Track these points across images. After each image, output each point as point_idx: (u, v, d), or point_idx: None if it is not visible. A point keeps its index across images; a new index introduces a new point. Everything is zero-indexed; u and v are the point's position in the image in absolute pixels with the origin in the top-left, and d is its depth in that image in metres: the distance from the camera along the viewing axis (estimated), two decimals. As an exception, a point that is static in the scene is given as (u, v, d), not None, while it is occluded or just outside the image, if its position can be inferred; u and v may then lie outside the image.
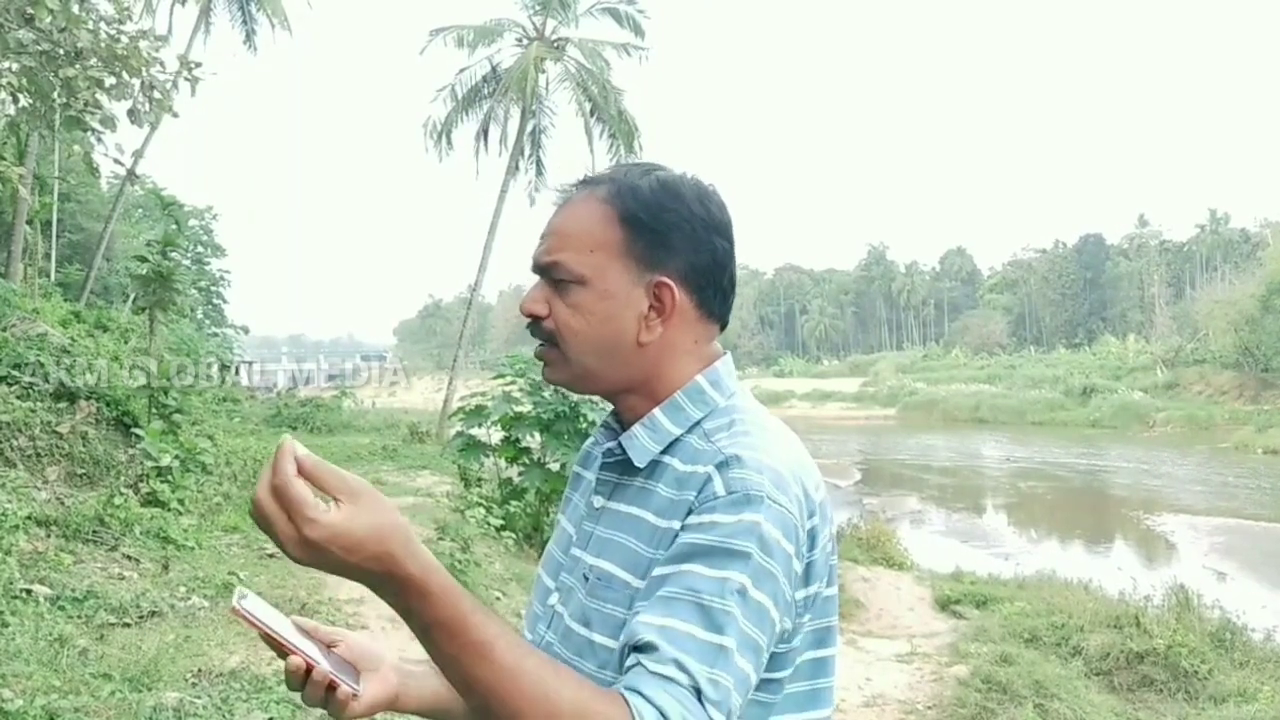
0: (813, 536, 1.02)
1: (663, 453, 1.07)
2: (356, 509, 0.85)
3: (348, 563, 0.85)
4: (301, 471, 0.85)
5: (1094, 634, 7.75)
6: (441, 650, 0.88)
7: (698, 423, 1.08)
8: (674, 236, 1.08)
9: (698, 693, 0.87)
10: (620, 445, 1.10)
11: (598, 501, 1.13)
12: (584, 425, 9.17)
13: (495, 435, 10.02)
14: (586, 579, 1.06)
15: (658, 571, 0.96)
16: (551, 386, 9.25)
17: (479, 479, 11.03)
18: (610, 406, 1.17)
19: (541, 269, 1.11)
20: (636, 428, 1.09)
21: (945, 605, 9.66)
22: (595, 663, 1.01)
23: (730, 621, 0.91)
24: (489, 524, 8.58)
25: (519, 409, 9.71)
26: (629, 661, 0.90)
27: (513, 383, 9.85)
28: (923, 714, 6.26)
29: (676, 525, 0.99)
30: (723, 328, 1.14)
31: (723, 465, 0.99)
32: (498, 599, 7.31)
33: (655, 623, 0.91)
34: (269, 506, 0.84)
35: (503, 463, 10.14)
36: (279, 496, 0.84)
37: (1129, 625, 7.73)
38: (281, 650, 0.98)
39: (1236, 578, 13.49)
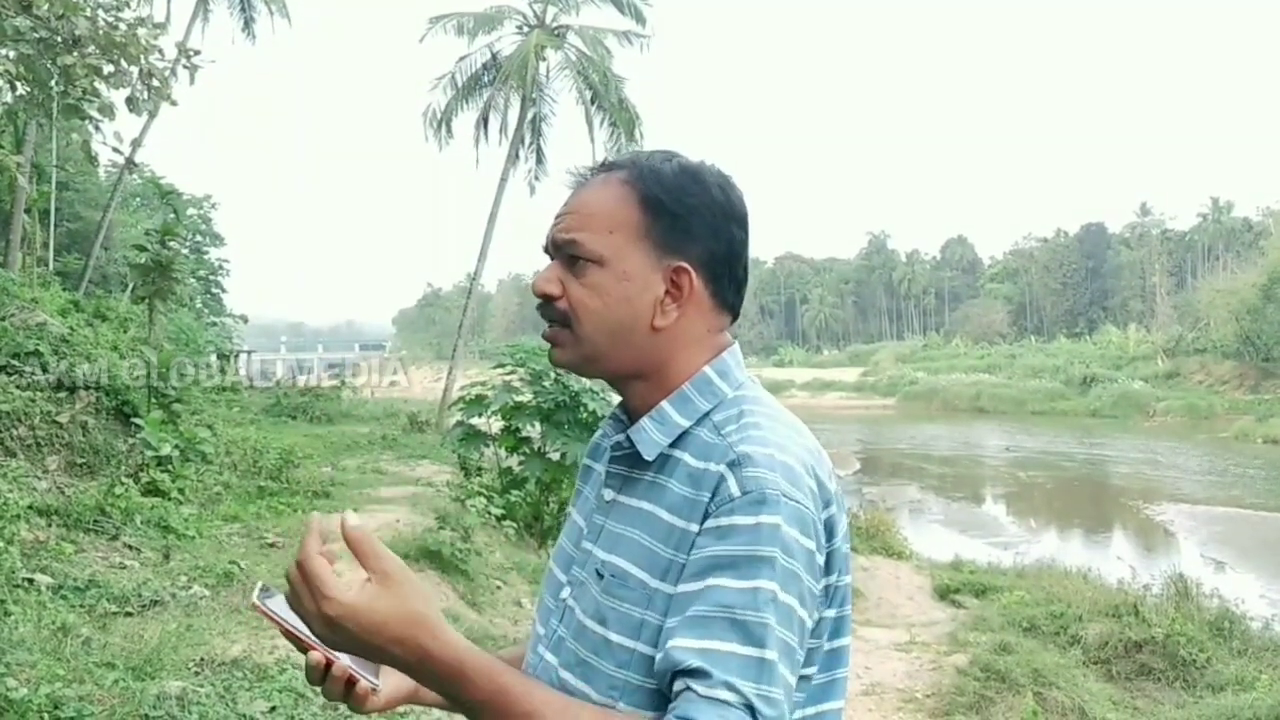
0: (830, 527, 1.01)
1: (672, 446, 1.06)
2: (381, 591, 0.88)
3: (371, 644, 0.89)
4: (346, 540, 0.90)
5: (1093, 623, 7.77)
6: None
7: (706, 414, 1.06)
8: (694, 222, 1.06)
9: (750, 710, 0.88)
10: (628, 438, 1.08)
11: (608, 494, 1.11)
12: (584, 415, 9.17)
13: (495, 425, 10.02)
14: (600, 575, 1.05)
15: (683, 587, 0.95)
16: (552, 376, 9.31)
17: (479, 468, 11.05)
18: (617, 398, 1.16)
19: (558, 246, 1.09)
20: (644, 420, 1.08)
21: (944, 594, 9.68)
22: (613, 662, 1.00)
23: (768, 633, 0.91)
24: (489, 513, 8.60)
25: (519, 399, 9.71)
26: (677, 686, 0.91)
27: (513, 372, 9.85)
28: (921, 702, 6.27)
29: (694, 528, 0.98)
30: (734, 319, 1.13)
31: (735, 464, 0.98)
32: (498, 588, 7.34)
33: (695, 645, 0.91)
34: (294, 580, 0.90)
35: (503, 452, 10.15)
36: (301, 571, 0.89)
37: (1128, 614, 7.75)
38: (301, 645, 0.98)
39: (1235, 567, 13.52)
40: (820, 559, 0.99)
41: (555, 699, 0.93)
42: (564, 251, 1.08)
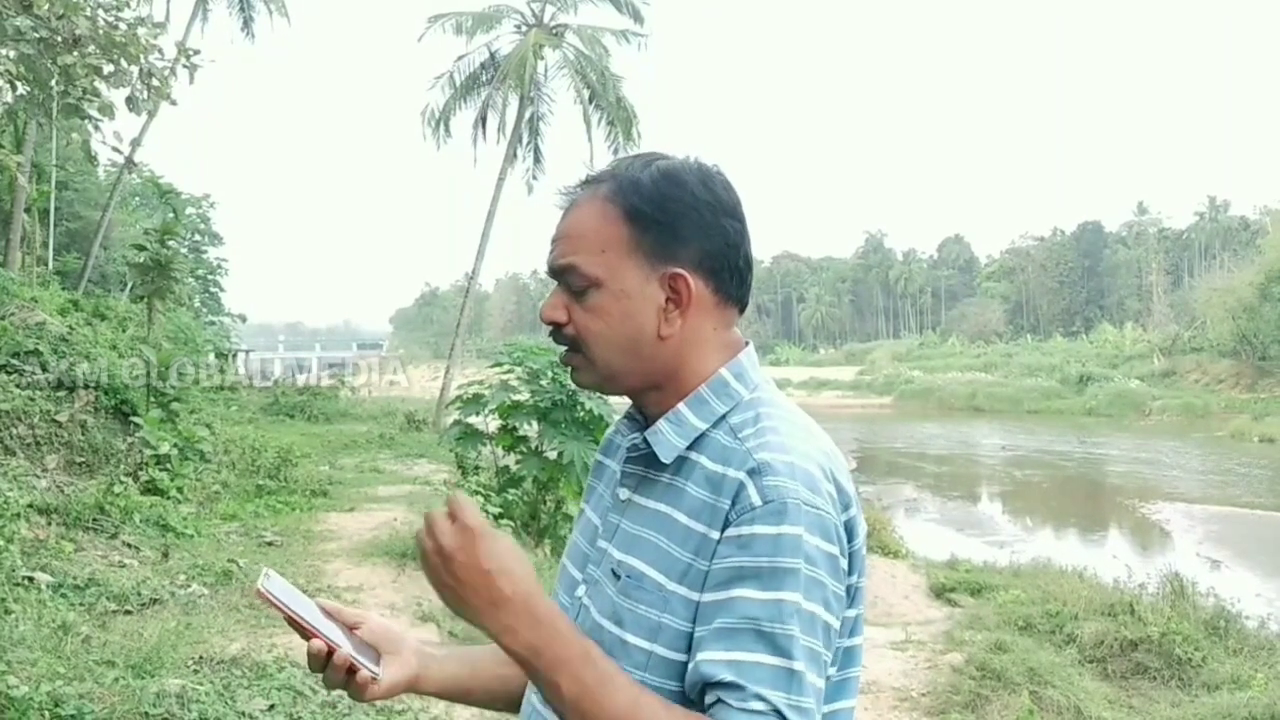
0: (850, 529, 1.03)
1: (689, 448, 1.06)
2: (508, 546, 0.97)
3: (463, 590, 0.95)
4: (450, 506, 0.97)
5: (1088, 622, 7.78)
6: (553, 694, 0.96)
7: (723, 417, 1.07)
8: (682, 225, 1.06)
9: (781, 718, 0.91)
10: (645, 440, 1.09)
11: (623, 494, 1.12)
12: (582, 414, 9.18)
13: (493, 424, 10.02)
14: (617, 575, 1.06)
15: (708, 596, 0.97)
16: (550, 375, 9.32)
17: (476, 467, 11.05)
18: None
19: (556, 274, 1.10)
20: (662, 422, 1.08)
21: (940, 593, 9.69)
22: (630, 663, 1.00)
23: (794, 643, 0.93)
24: (487, 512, 8.60)
25: (516, 397, 9.71)
26: (709, 699, 0.93)
27: (510, 371, 9.84)
28: (917, 701, 6.30)
29: (714, 535, 0.99)
30: (742, 310, 1.12)
31: (755, 472, 0.99)
32: (496, 587, 7.34)
33: (723, 658, 0.93)
34: (437, 520, 0.96)
35: (500, 451, 10.14)
36: (454, 504, 0.97)
37: (1123, 613, 7.76)
38: (304, 633, 1.00)
39: (1231, 565, 13.55)
40: (843, 561, 1.00)
41: (619, 676, 0.96)
42: (562, 278, 1.09)
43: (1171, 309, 65.98)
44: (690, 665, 0.96)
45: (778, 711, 0.91)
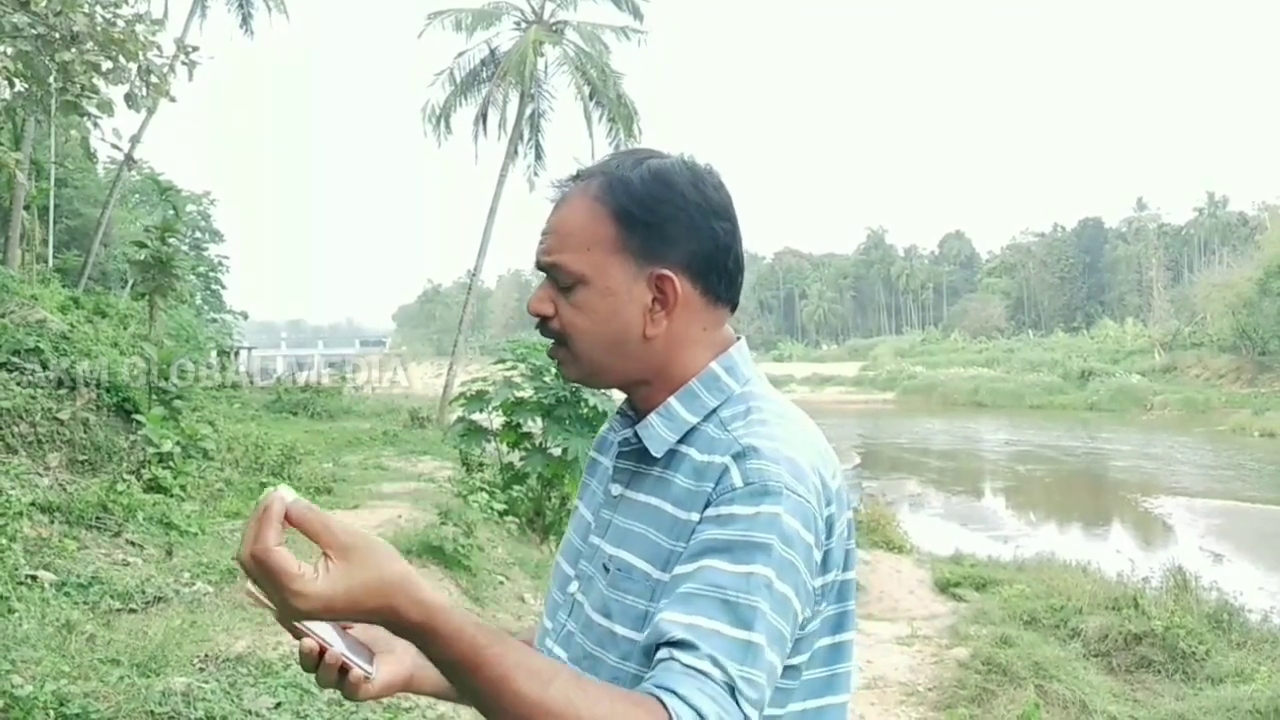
0: (830, 524, 1.01)
1: (679, 441, 1.06)
2: (348, 568, 0.82)
3: (347, 619, 0.86)
4: (290, 520, 0.83)
5: (1093, 616, 7.80)
6: (464, 686, 0.87)
7: (714, 410, 1.06)
8: (670, 227, 1.06)
9: (731, 689, 0.87)
10: (636, 435, 1.09)
11: (615, 489, 1.12)
12: (586, 410, 9.17)
13: (496, 420, 10.01)
14: (607, 569, 1.05)
15: (678, 569, 0.95)
16: (553, 371, 9.31)
17: (481, 464, 11.05)
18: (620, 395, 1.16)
19: (543, 269, 1.10)
20: (653, 416, 1.08)
21: (945, 588, 9.71)
22: (617, 654, 1.00)
23: (758, 616, 0.90)
24: (492, 509, 8.61)
25: (520, 394, 9.70)
26: (660, 655, 0.89)
27: (514, 368, 9.84)
28: (923, 695, 6.30)
29: (695, 517, 0.98)
30: (733, 310, 1.12)
31: (739, 456, 0.98)
32: (501, 583, 7.35)
33: (682, 620, 0.90)
34: (254, 574, 0.82)
35: (504, 448, 10.14)
36: (262, 566, 0.81)
37: (1127, 607, 7.78)
38: (295, 632, 0.98)
39: (1233, 559, 13.56)
40: (818, 555, 0.98)
41: (529, 661, 0.86)
42: (550, 273, 1.09)
43: (1172, 304, 65.93)
44: (648, 629, 0.93)
45: (729, 682, 0.86)
